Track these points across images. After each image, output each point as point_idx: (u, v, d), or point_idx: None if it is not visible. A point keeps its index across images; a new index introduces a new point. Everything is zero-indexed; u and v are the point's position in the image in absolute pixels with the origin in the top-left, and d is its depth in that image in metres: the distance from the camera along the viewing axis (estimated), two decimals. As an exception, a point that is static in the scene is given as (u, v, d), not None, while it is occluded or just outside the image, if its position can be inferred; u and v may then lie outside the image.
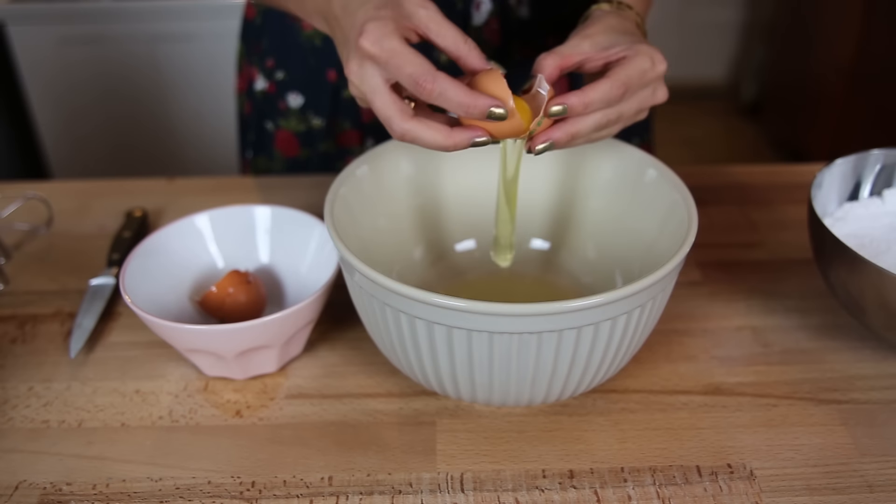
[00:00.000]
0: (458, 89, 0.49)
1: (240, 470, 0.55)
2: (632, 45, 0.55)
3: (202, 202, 0.82)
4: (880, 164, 0.70)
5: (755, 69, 2.75)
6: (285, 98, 0.88)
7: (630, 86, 0.53)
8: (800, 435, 0.57)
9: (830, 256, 0.61)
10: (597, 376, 0.54)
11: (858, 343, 0.65)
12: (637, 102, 0.55)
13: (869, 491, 0.53)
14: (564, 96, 0.52)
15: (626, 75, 0.53)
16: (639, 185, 0.64)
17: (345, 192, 0.60)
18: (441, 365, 0.52)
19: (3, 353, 0.65)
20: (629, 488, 0.53)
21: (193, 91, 1.89)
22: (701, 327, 0.67)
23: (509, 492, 0.53)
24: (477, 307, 0.47)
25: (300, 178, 0.88)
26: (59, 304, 0.70)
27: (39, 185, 0.88)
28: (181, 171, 1.93)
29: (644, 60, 0.54)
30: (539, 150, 0.53)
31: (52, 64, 1.84)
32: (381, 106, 0.51)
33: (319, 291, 0.59)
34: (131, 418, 0.59)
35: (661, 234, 0.60)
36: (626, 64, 0.54)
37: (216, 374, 0.62)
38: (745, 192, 0.85)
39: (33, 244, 0.79)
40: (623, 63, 0.54)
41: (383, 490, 0.53)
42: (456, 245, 0.70)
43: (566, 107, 0.52)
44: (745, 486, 0.53)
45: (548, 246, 0.70)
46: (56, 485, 0.54)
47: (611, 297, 0.48)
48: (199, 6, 1.80)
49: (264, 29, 0.88)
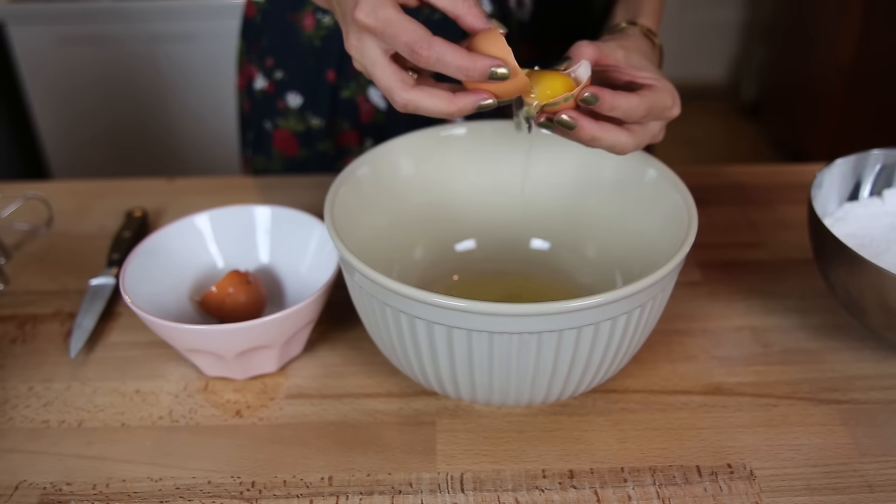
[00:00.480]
0: (456, 53, 0.48)
1: (240, 470, 0.55)
2: (660, 79, 0.55)
3: (202, 202, 0.82)
4: (880, 164, 0.70)
5: (755, 69, 2.75)
6: (284, 98, 0.88)
7: (651, 113, 0.53)
8: (800, 435, 0.57)
9: (830, 256, 0.61)
10: (597, 376, 0.54)
11: (858, 343, 0.65)
12: (646, 133, 0.55)
13: (869, 491, 0.53)
14: (599, 88, 0.52)
15: (652, 103, 0.53)
16: (639, 185, 0.64)
17: (345, 192, 0.60)
18: (441, 365, 0.52)
19: (3, 353, 0.65)
20: (629, 488, 0.53)
21: (193, 91, 1.89)
22: (701, 327, 0.67)
23: (509, 492, 0.53)
24: (477, 307, 0.47)
25: (300, 178, 0.88)
26: (59, 304, 0.70)
27: (39, 185, 0.88)
28: (181, 171, 1.93)
29: (668, 97, 0.55)
30: (561, 120, 0.52)
31: (52, 64, 1.84)
32: (381, 77, 0.50)
33: (319, 291, 0.59)
34: (131, 418, 0.59)
35: (661, 234, 0.60)
36: (655, 92, 0.54)
37: (216, 374, 0.62)
38: (745, 192, 0.85)
39: (33, 244, 0.79)
40: (653, 90, 0.54)
41: (383, 490, 0.53)
42: (456, 245, 0.70)
43: (599, 98, 0.51)
44: (745, 486, 0.53)
45: (548, 246, 0.70)
46: (56, 485, 0.54)
47: (611, 297, 0.48)
48: (199, 6, 1.80)
49: (264, 28, 0.87)
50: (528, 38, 0.84)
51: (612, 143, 0.53)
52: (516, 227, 0.70)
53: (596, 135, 0.52)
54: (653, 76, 0.55)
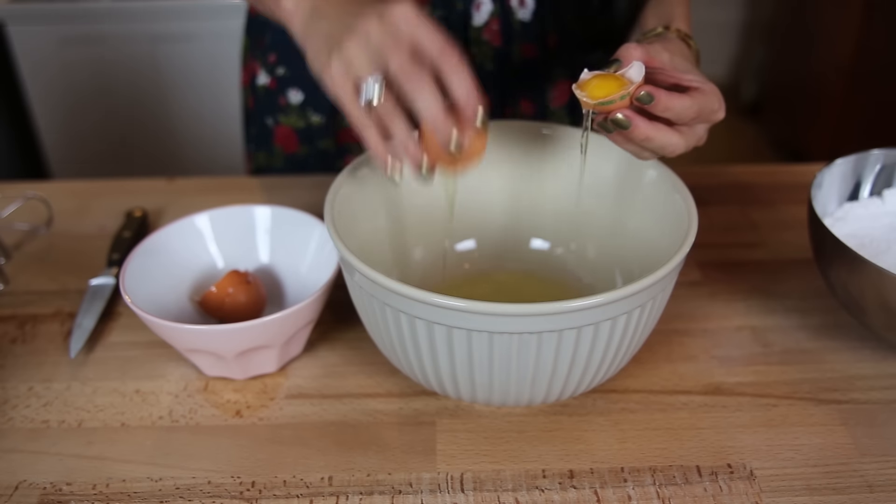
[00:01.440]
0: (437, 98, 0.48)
1: (240, 470, 0.55)
2: (706, 81, 0.56)
3: (202, 202, 0.82)
4: (880, 164, 0.70)
5: (755, 69, 2.75)
6: (286, 94, 0.88)
7: (700, 116, 0.54)
8: (800, 435, 0.57)
9: (830, 256, 0.61)
10: (597, 376, 0.54)
11: (858, 343, 0.65)
12: (693, 135, 0.55)
13: (869, 491, 0.53)
14: (654, 88, 0.52)
15: (702, 105, 0.54)
16: (639, 185, 0.64)
17: (345, 192, 0.60)
18: (441, 365, 0.52)
19: (3, 353, 0.65)
20: (629, 488, 0.53)
21: (193, 91, 1.89)
22: (701, 327, 0.67)
23: (509, 492, 0.53)
24: (477, 307, 0.47)
25: (301, 177, 0.88)
26: (59, 304, 0.70)
27: (39, 185, 0.88)
28: (181, 170, 1.93)
29: (716, 101, 0.55)
30: (616, 119, 0.52)
31: (52, 64, 1.84)
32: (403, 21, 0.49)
33: (319, 291, 0.59)
34: (131, 418, 0.59)
35: (661, 234, 0.60)
36: (704, 95, 0.54)
37: (216, 374, 0.62)
38: (745, 192, 0.85)
39: (33, 244, 0.79)
40: (701, 93, 0.54)
41: (383, 490, 0.53)
42: (456, 245, 0.70)
43: (655, 98, 0.51)
44: (745, 486, 0.53)
45: (548, 246, 0.70)
46: (56, 485, 0.54)
47: (611, 297, 0.48)
48: (199, 6, 1.80)
49: (268, 24, 0.88)
50: (529, 38, 0.84)
51: (665, 143, 0.53)
52: (516, 227, 0.70)
53: (650, 134, 0.52)
54: (699, 79, 0.55)
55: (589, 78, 0.53)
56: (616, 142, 0.54)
